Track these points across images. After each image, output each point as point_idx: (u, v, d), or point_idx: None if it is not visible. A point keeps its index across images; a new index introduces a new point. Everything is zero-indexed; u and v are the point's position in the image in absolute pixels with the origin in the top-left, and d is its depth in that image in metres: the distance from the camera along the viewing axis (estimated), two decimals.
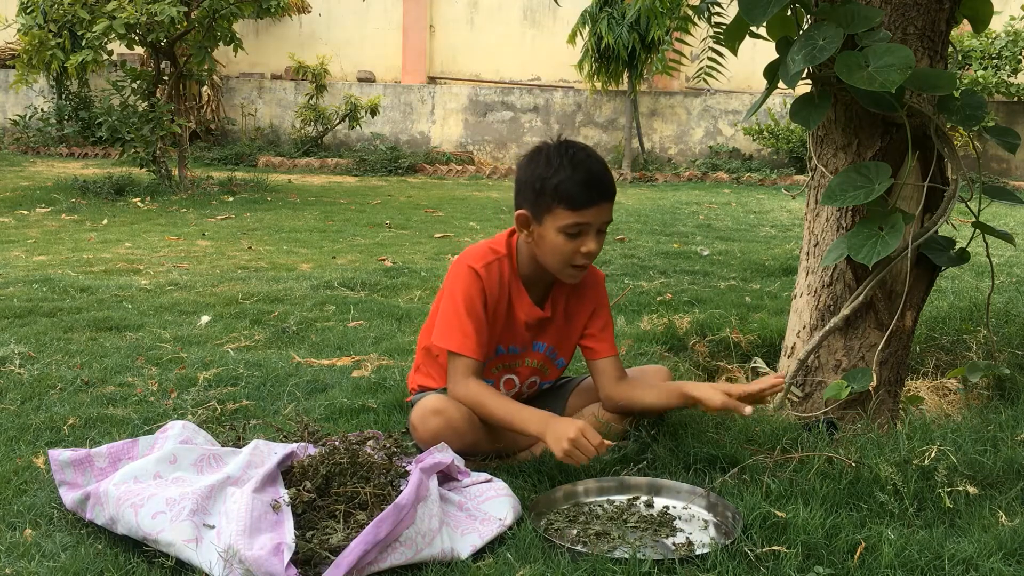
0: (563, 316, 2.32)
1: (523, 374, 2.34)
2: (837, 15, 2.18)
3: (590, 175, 2.11)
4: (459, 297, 2.17)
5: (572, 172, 2.10)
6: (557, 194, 2.10)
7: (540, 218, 2.14)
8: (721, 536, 1.85)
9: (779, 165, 11.86)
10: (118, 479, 1.85)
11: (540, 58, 12.99)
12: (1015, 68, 10.95)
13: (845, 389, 2.37)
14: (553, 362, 2.37)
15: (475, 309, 2.16)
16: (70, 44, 8.25)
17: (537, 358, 2.33)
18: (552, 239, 2.14)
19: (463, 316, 2.15)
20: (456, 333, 2.15)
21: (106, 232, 6.12)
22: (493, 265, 2.21)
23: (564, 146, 2.16)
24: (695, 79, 3.49)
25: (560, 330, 2.32)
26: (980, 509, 1.92)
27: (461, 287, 2.18)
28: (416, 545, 1.70)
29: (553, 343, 2.33)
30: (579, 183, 2.10)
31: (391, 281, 4.45)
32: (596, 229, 2.14)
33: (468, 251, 2.26)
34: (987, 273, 4.37)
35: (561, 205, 2.10)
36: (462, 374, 2.15)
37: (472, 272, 2.18)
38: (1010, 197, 2.41)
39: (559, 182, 2.10)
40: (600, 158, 2.18)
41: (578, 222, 2.11)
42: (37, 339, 3.24)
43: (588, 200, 2.10)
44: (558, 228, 2.12)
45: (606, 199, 2.14)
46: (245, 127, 13.02)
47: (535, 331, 2.30)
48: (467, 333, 2.15)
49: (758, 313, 3.67)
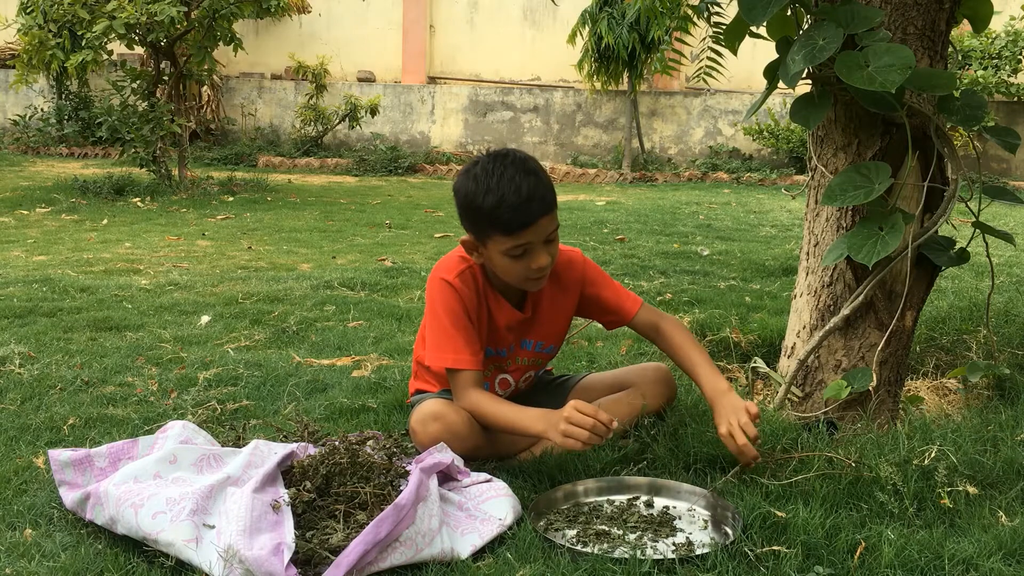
0: (547, 310, 2.31)
1: (516, 373, 2.35)
2: (837, 15, 2.18)
3: (519, 197, 2.01)
4: (441, 312, 2.16)
5: (502, 196, 2.01)
6: (491, 221, 2.04)
7: (483, 242, 2.11)
8: (721, 536, 1.85)
9: (779, 165, 11.86)
10: (118, 479, 1.85)
11: (540, 58, 12.99)
12: (1015, 68, 10.95)
13: (845, 389, 2.37)
14: (544, 354, 2.37)
15: (460, 320, 2.15)
16: (70, 44, 8.25)
17: (527, 355, 2.34)
18: (500, 261, 2.11)
19: (450, 331, 2.14)
20: (448, 350, 2.14)
21: (106, 232, 6.12)
22: (466, 273, 2.19)
23: (492, 164, 2.06)
24: (695, 79, 3.49)
25: (545, 324, 2.32)
26: (980, 509, 1.92)
27: (440, 301, 2.16)
28: (416, 545, 1.70)
29: (540, 338, 2.33)
30: (510, 208, 2.01)
31: (391, 281, 4.45)
32: (542, 242, 2.08)
33: (439, 264, 2.24)
34: (987, 273, 4.37)
35: (497, 231, 2.05)
36: (462, 387, 2.14)
37: (447, 284, 2.16)
38: (1010, 197, 2.40)
39: (491, 207, 2.02)
40: (531, 168, 2.07)
41: (518, 244, 2.06)
42: (37, 339, 3.24)
43: (523, 223, 2.03)
44: (501, 252, 2.08)
45: (543, 214, 2.05)
46: (245, 127, 13.02)
47: (518, 332, 2.29)
48: (458, 347, 2.14)
49: (758, 313, 3.67)
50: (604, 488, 2.04)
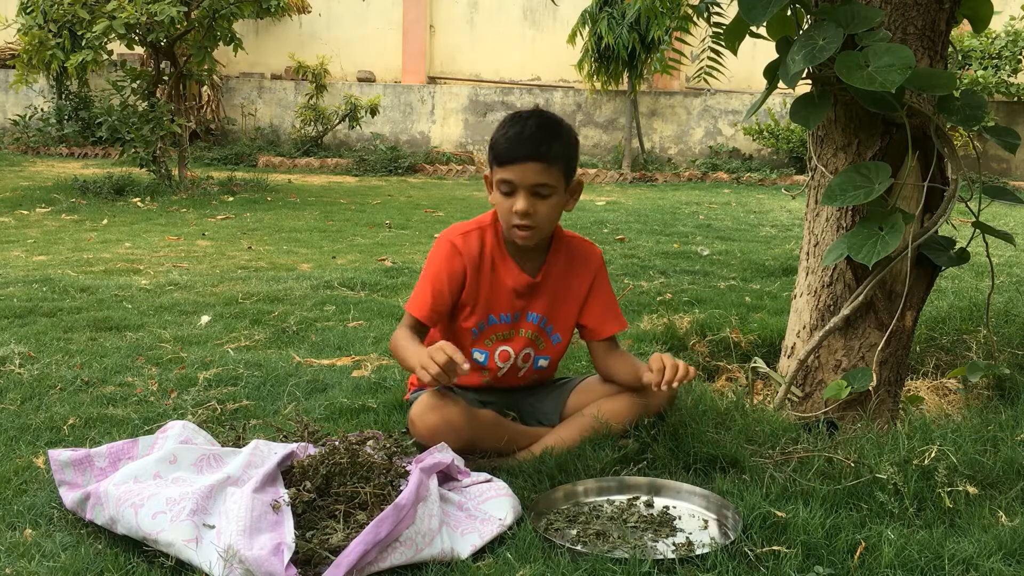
0: (557, 285, 2.35)
1: (517, 346, 2.36)
2: (837, 15, 2.18)
3: (520, 133, 2.18)
4: (428, 268, 2.30)
5: (507, 129, 2.20)
6: (492, 150, 2.22)
7: (491, 178, 2.26)
8: (721, 536, 1.85)
9: (779, 165, 11.86)
10: (118, 479, 1.85)
11: (540, 58, 12.99)
12: (1015, 68, 10.95)
13: (845, 389, 2.37)
14: (548, 335, 2.38)
15: (439, 280, 2.27)
16: (70, 44, 8.25)
17: (531, 328, 2.36)
18: (495, 197, 2.26)
19: (425, 284, 2.28)
20: (415, 297, 2.29)
21: (106, 232, 6.12)
22: (473, 234, 2.31)
23: (526, 111, 2.25)
24: (695, 79, 3.49)
25: (553, 300, 2.35)
26: (980, 509, 1.92)
27: (433, 260, 2.30)
28: (416, 545, 1.70)
29: (545, 313, 2.35)
30: (507, 139, 2.19)
31: (391, 281, 4.45)
32: (527, 189, 2.18)
33: (453, 225, 2.37)
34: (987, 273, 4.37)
35: (494, 161, 2.22)
36: (401, 325, 2.27)
37: (448, 243, 2.29)
38: (1010, 197, 2.40)
39: (495, 139, 2.22)
40: (548, 123, 2.21)
41: (504, 178, 2.20)
42: (37, 339, 3.24)
43: (510, 157, 2.17)
44: (494, 185, 2.24)
45: (534, 159, 2.17)
46: (245, 127, 13.02)
47: (526, 298, 2.33)
48: (422, 299, 2.27)
49: (758, 313, 3.67)
50: (604, 488, 2.04)
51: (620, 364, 2.35)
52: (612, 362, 2.37)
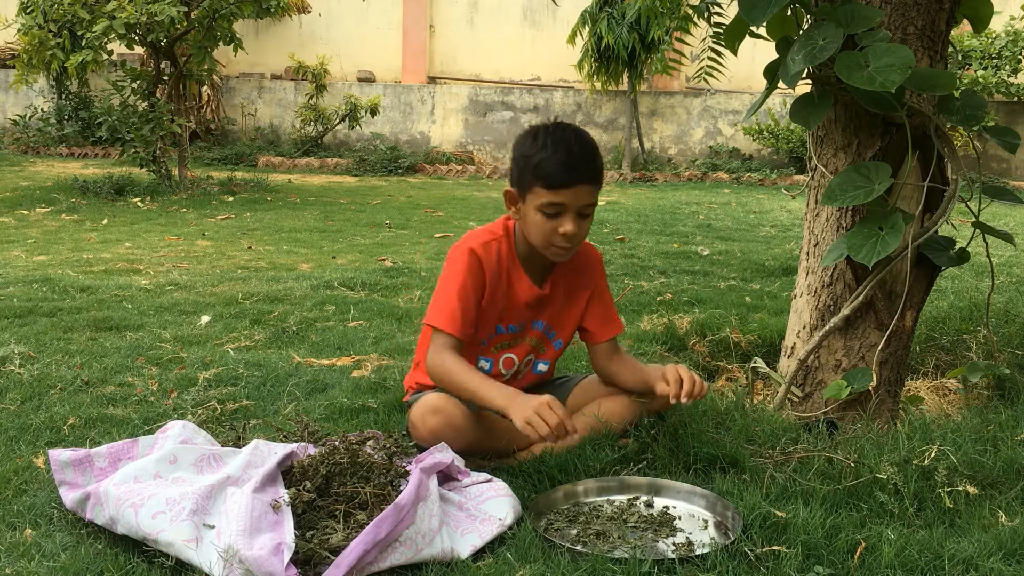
0: (563, 295, 2.35)
1: (521, 352, 2.36)
2: (837, 15, 2.18)
3: (570, 155, 2.11)
4: (452, 279, 2.21)
5: (553, 151, 2.11)
6: (536, 172, 2.13)
7: (523, 195, 2.18)
8: (721, 536, 1.85)
9: (779, 165, 11.86)
10: (118, 479, 1.85)
11: (540, 58, 12.99)
12: (1015, 68, 10.95)
13: (845, 389, 2.37)
14: (550, 341, 2.39)
15: (466, 291, 2.19)
16: (70, 44, 8.25)
17: (535, 335, 2.36)
18: (532, 217, 2.17)
19: (453, 297, 2.18)
20: (444, 312, 2.18)
21: (106, 232, 6.12)
22: (491, 245, 2.25)
23: (554, 126, 2.18)
24: (695, 79, 3.49)
25: (558, 308, 2.35)
26: (980, 509, 1.92)
27: (455, 269, 2.21)
28: (416, 545, 1.70)
29: (549, 321, 2.35)
30: (558, 163, 2.11)
31: (391, 281, 4.45)
32: (576, 211, 2.15)
33: (467, 234, 2.31)
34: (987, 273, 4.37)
35: (539, 183, 2.13)
36: (439, 347, 2.17)
37: (470, 253, 2.22)
38: (1010, 197, 2.41)
39: (539, 160, 2.12)
40: (589, 142, 2.18)
41: (554, 201, 2.13)
42: (37, 339, 3.24)
43: (565, 181, 2.11)
44: (536, 207, 2.15)
45: (585, 181, 2.14)
46: (245, 127, 13.01)
47: (535, 309, 2.33)
48: (454, 314, 2.17)
49: (758, 313, 3.67)
50: (604, 488, 2.04)
51: (624, 368, 2.35)
52: (615, 365, 2.36)
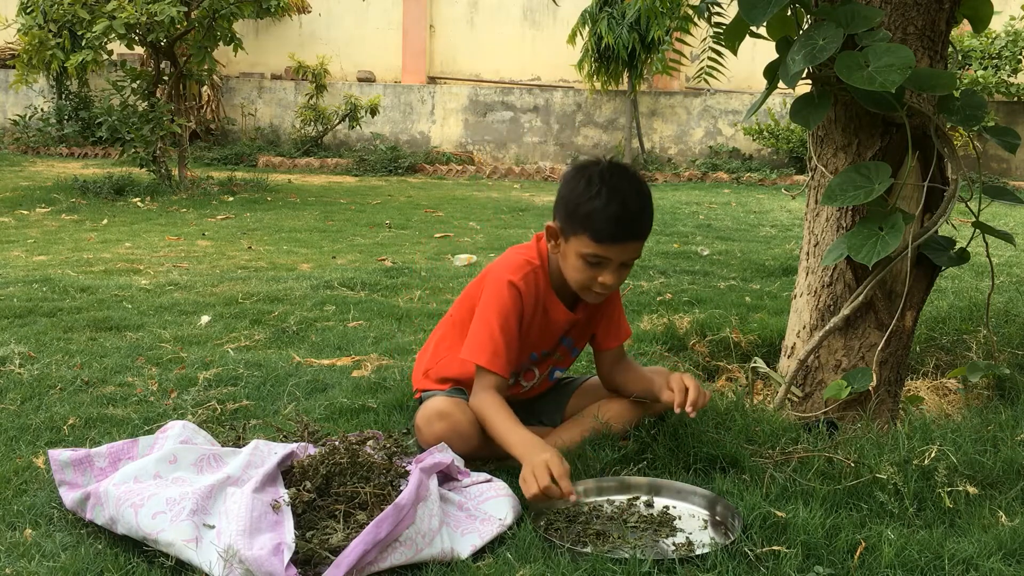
0: (591, 314, 2.34)
1: (544, 367, 2.38)
2: (837, 15, 2.18)
3: (624, 211, 2.03)
4: (494, 312, 2.15)
5: (607, 203, 2.03)
6: (585, 223, 2.05)
7: (567, 236, 2.12)
8: (721, 536, 1.85)
9: (779, 165, 11.86)
10: (118, 479, 1.85)
11: (540, 58, 12.99)
12: (1015, 68, 10.95)
13: (845, 389, 2.37)
14: (569, 351, 2.41)
15: (509, 326, 2.15)
16: (70, 44, 8.25)
17: (562, 351, 2.38)
18: (573, 261, 2.12)
19: (496, 333, 2.14)
20: (487, 349, 2.14)
21: (106, 232, 6.12)
22: (530, 276, 2.20)
23: (611, 171, 2.08)
24: (695, 79, 3.49)
25: (583, 326, 2.36)
26: (980, 509, 1.92)
27: (498, 302, 2.15)
28: (416, 545, 1.70)
29: (576, 338, 2.37)
30: (610, 218, 2.03)
31: (391, 281, 4.45)
32: (618, 263, 2.10)
33: (503, 263, 2.24)
34: (987, 273, 4.37)
35: (587, 233, 2.06)
36: (484, 386, 2.14)
37: (511, 286, 2.16)
38: (1010, 197, 2.41)
39: (591, 211, 2.04)
40: (644, 192, 2.10)
41: (599, 255, 2.07)
42: (37, 339, 3.24)
43: (613, 237, 2.05)
44: (579, 254, 2.09)
45: (634, 239, 2.08)
46: (245, 127, 13.02)
47: (565, 331, 2.33)
48: (498, 351, 2.13)
49: (758, 313, 3.67)
50: (604, 488, 2.04)
51: (629, 375, 2.34)
52: (620, 372, 2.36)
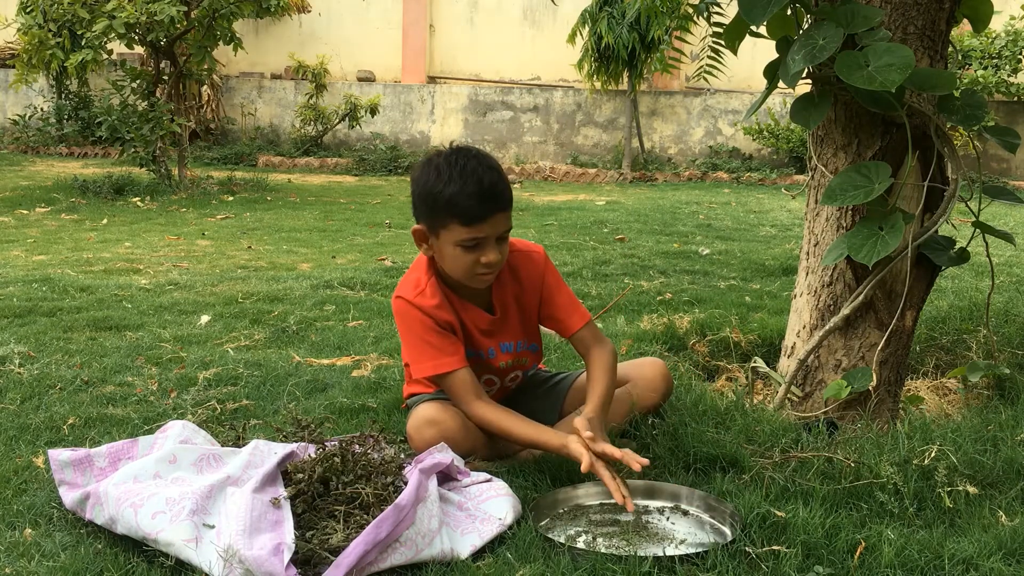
0: (514, 309, 2.28)
1: (501, 374, 2.33)
2: (837, 15, 2.18)
3: (481, 187, 2.02)
4: (411, 327, 2.16)
5: (463, 185, 2.02)
6: (449, 209, 2.04)
7: (436, 232, 2.10)
8: (721, 536, 1.85)
9: (779, 165, 11.86)
10: (118, 479, 1.85)
11: (540, 58, 12.98)
12: (1015, 68, 10.94)
13: (845, 389, 2.37)
14: (527, 351, 2.34)
15: (430, 327, 2.14)
16: (70, 43, 8.25)
17: (508, 357, 2.30)
18: (450, 252, 2.09)
19: (424, 339, 2.14)
20: (428, 358, 2.14)
21: (106, 232, 6.13)
22: (425, 290, 2.17)
23: (455, 156, 2.07)
24: (695, 78, 3.49)
25: (516, 323, 2.29)
26: (980, 509, 1.92)
27: (406, 319, 2.17)
28: (416, 545, 1.70)
29: (517, 337, 2.30)
30: (471, 196, 2.02)
31: (391, 281, 4.45)
32: (495, 239, 2.08)
33: (402, 285, 2.23)
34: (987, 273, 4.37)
35: (455, 220, 2.04)
36: (461, 393, 2.13)
37: (409, 305, 2.16)
38: (1010, 197, 2.41)
39: (451, 196, 2.02)
40: (493, 165, 2.09)
41: (474, 236, 2.05)
42: (37, 339, 3.24)
43: (482, 214, 2.03)
44: (455, 243, 2.07)
45: (501, 210, 2.06)
46: (245, 127, 13.01)
47: (492, 335, 2.26)
48: (437, 352, 2.13)
49: (758, 313, 3.67)
50: (604, 491, 2.03)
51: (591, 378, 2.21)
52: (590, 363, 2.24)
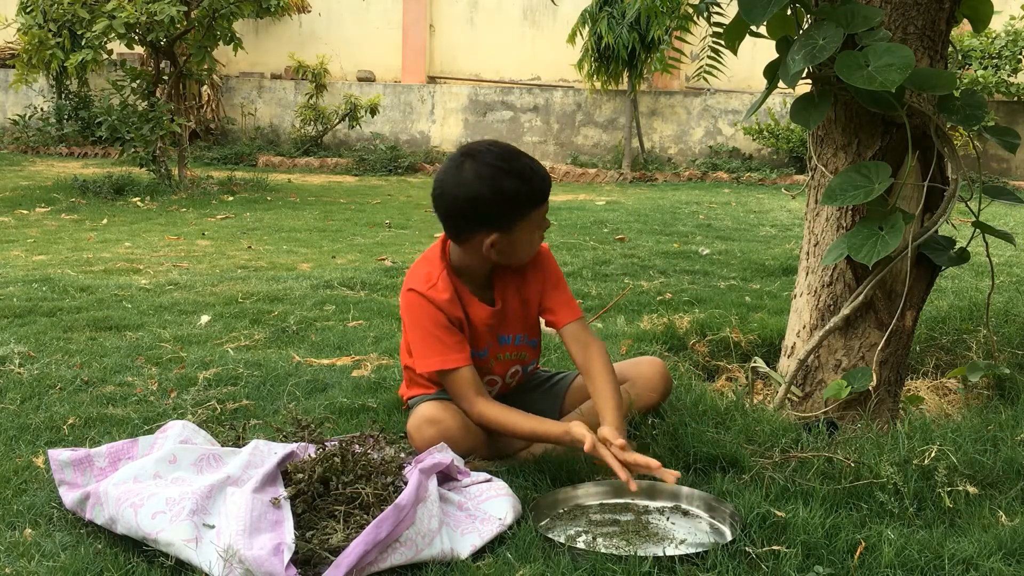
0: (514, 300, 2.31)
1: (501, 368, 2.34)
2: (837, 15, 2.18)
3: (532, 171, 2.17)
4: (422, 320, 2.19)
5: (520, 176, 2.15)
6: (532, 198, 2.16)
7: (511, 227, 2.17)
8: (721, 536, 1.85)
9: (779, 165, 11.86)
10: (118, 479, 1.85)
11: (540, 58, 12.98)
12: (1015, 68, 10.94)
13: (845, 389, 2.37)
14: (527, 346, 2.36)
15: (441, 323, 2.17)
16: (70, 43, 8.25)
17: (509, 350, 2.32)
18: (527, 238, 2.21)
19: (433, 334, 2.17)
20: (435, 353, 2.17)
21: (106, 232, 6.13)
22: (438, 284, 2.20)
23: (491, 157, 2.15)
24: (695, 78, 3.49)
25: (516, 315, 2.31)
26: (980, 509, 1.92)
27: (417, 313, 2.20)
28: (416, 545, 1.70)
29: (517, 331, 2.33)
30: (540, 180, 2.17)
31: (391, 281, 4.45)
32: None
33: (411, 276, 2.25)
34: (987, 273, 4.37)
35: (533, 207, 2.17)
36: (465, 390, 2.15)
37: (421, 298, 2.19)
38: (1010, 197, 2.41)
39: (518, 191, 2.13)
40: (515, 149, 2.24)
41: (545, 211, 2.22)
42: (37, 339, 3.24)
43: (544, 192, 2.19)
44: (532, 227, 2.20)
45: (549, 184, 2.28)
46: (245, 127, 13.01)
47: (494, 327, 2.29)
48: (445, 348, 2.16)
49: (758, 313, 3.67)
50: (604, 491, 2.03)
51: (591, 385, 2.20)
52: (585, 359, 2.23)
